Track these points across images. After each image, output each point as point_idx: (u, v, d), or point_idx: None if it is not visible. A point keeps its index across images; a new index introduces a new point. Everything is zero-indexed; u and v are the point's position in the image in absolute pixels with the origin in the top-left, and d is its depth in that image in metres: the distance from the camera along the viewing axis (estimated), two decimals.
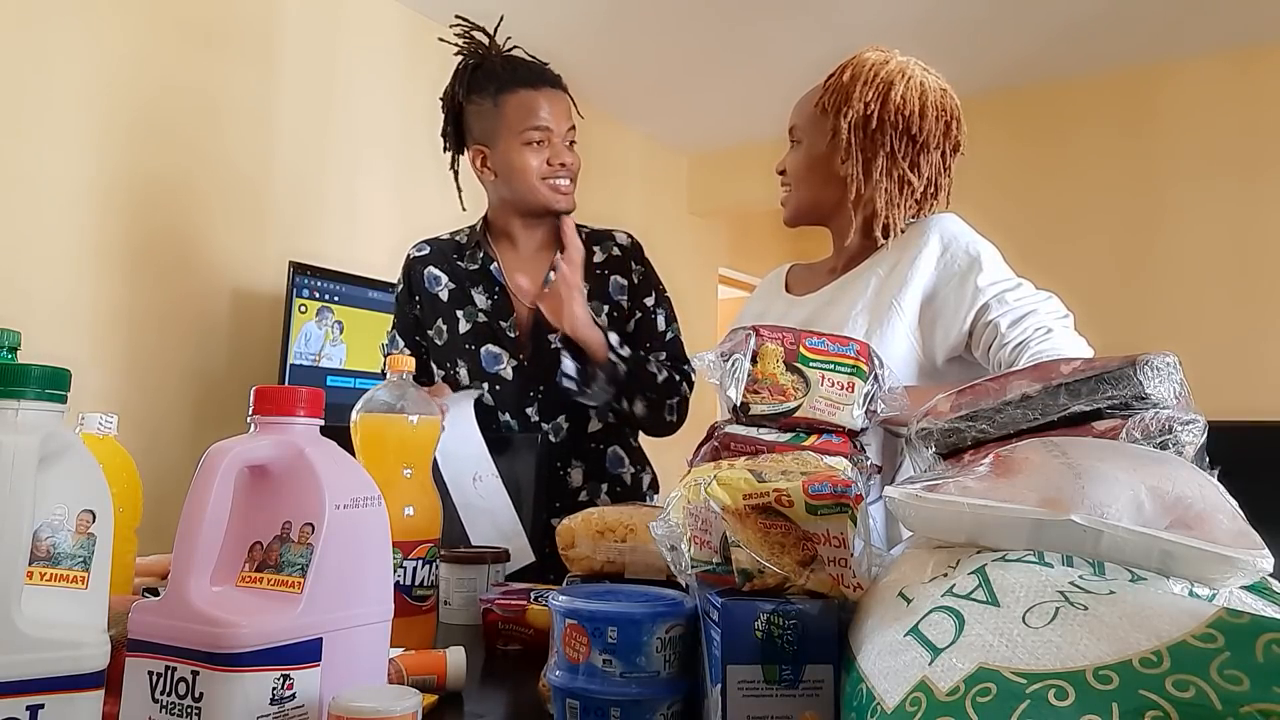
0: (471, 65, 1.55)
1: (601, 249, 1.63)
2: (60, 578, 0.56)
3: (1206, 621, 0.43)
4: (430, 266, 1.63)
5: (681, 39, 3.66)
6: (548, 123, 1.50)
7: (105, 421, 0.92)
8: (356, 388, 2.82)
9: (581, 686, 0.64)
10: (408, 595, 0.97)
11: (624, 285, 1.60)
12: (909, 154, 1.29)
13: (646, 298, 1.62)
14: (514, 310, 1.58)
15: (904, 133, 1.28)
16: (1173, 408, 0.67)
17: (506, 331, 1.57)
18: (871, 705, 0.50)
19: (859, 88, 1.28)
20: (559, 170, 1.52)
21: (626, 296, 1.60)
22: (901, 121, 1.27)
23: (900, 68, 1.29)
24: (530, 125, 1.50)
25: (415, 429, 1.01)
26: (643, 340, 1.58)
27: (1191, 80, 3.66)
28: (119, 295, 2.51)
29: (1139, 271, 3.69)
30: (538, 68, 1.55)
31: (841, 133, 1.28)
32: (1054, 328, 1.15)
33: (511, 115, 1.50)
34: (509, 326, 1.57)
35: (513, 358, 1.56)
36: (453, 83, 1.58)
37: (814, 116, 1.33)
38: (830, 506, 0.63)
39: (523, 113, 1.50)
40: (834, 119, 1.30)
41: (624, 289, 1.60)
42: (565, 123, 1.53)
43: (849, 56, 1.33)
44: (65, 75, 2.40)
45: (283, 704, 0.56)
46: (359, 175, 3.18)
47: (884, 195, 1.30)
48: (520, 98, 1.50)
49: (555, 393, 1.52)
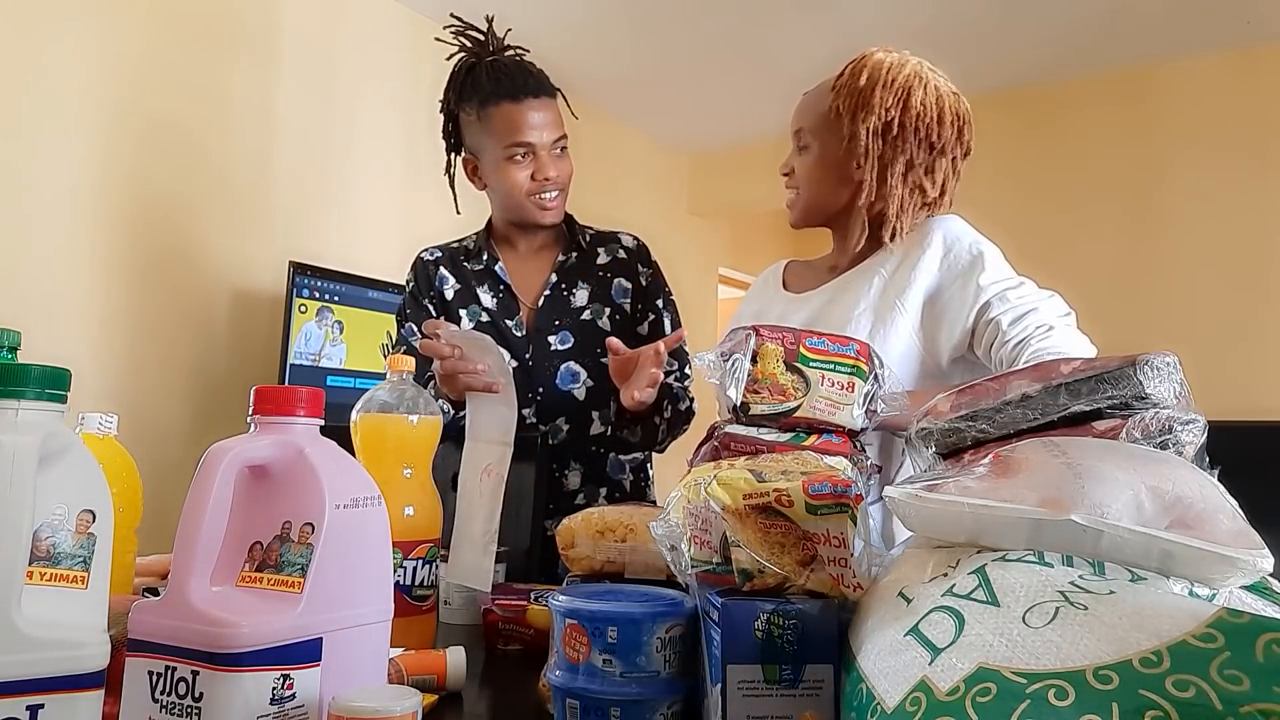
0: (463, 71, 1.54)
1: (606, 251, 1.61)
2: (60, 578, 0.56)
3: (1206, 621, 0.43)
4: (440, 268, 1.62)
5: (682, 39, 3.66)
6: (531, 137, 1.47)
7: (105, 421, 0.91)
8: (356, 388, 2.82)
9: (581, 686, 0.64)
10: (408, 595, 0.97)
11: (628, 289, 1.59)
12: (926, 161, 1.29)
13: (656, 300, 1.60)
14: (518, 309, 1.58)
15: (924, 140, 1.28)
16: (1173, 408, 0.67)
17: (512, 330, 1.56)
18: (871, 705, 0.50)
19: (879, 93, 1.27)
20: (544, 185, 1.50)
21: (630, 300, 1.59)
22: (922, 129, 1.27)
23: (916, 71, 1.29)
24: (513, 141, 1.47)
25: (415, 429, 1.01)
26: None
27: (1192, 80, 3.66)
28: (119, 295, 2.51)
29: (1139, 271, 3.69)
30: (521, 77, 1.50)
31: (861, 139, 1.27)
32: (1055, 325, 1.15)
33: (496, 130, 1.48)
34: (514, 326, 1.56)
35: (515, 358, 1.55)
36: (446, 88, 1.57)
37: (826, 119, 1.31)
38: (830, 506, 0.63)
39: (506, 128, 1.47)
40: (851, 124, 1.28)
41: (628, 292, 1.59)
42: (552, 132, 1.49)
43: (857, 56, 1.32)
44: (66, 75, 2.40)
45: (283, 704, 0.56)
46: (359, 175, 3.18)
47: (897, 202, 1.29)
48: (504, 111, 1.47)
49: (555, 395, 1.52)
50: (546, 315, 1.56)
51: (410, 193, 3.26)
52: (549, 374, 1.53)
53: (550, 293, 1.57)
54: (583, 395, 1.54)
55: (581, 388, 1.54)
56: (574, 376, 1.54)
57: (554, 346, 1.54)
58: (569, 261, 1.59)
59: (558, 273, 1.58)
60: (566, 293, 1.57)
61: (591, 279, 1.58)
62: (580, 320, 1.56)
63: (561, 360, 1.54)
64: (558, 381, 1.53)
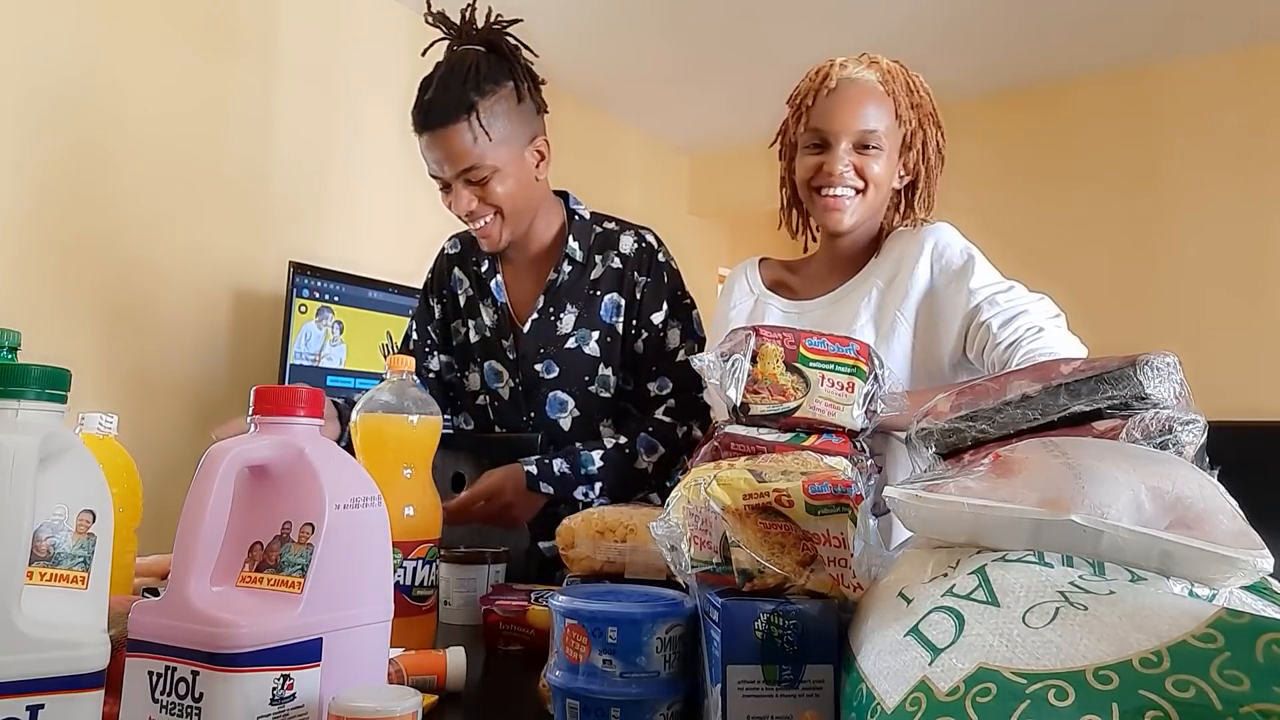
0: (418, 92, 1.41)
1: (603, 260, 1.48)
2: (60, 578, 0.56)
3: (1206, 622, 0.43)
4: (457, 268, 1.58)
5: (682, 39, 3.66)
6: (437, 171, 1.39)
7: (105, 421, 0.91)
8: (356, 388, 2.82)
9: (581, 687, 0.64)
10: (408, 595, 0.97)
11: (619, 304, 1.46)
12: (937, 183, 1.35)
13: (654, 313, 1.46)
14: (510, 330, 1.51)
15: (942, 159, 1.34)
16: (1173, 408, 0.67)
17: (506, 352, 1.50)
18: (871, 705, 0.50)
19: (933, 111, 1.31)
20: (466, 218, 1.42)
21: (624, 318, 1.46)
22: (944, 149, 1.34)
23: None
24: (431, 173, 1.41)
25: (415, 429, 1.01)
26: (648, 364, 1.46)
27: (1192, 80, 3.66)
28: (119, 295, 2.51)
29: (1139, 270, 3.69)
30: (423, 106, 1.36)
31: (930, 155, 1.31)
32: (1045, 327, 1.15)
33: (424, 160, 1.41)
34: (509, 347, 1.50)
35: (511, 378, 1.51)
36: None
37: (894, 129, 1.29)
38: (830, 506, 0.63)
39: (426, 160, 1.40)
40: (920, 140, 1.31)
41: (619, 309, 1.46)
42: (455, 165, 1.35)
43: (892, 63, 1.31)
44: (66, 76, 2.40)
45: (283, 704, 0.56)
46: (359, 175, 3.18)
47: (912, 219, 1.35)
48: (421, 143, 1.38)
49: (545, 422, 1.47)
50: (532, 342, 1.48)
51: (410, 193, 3.25)
52: (539, 400, 1.48)
53: (537, 317, 1.48)
54: (568, 425, 1.47)
55: (568, 417, 1.48)
56: (561, 405, 1.48)
57: (541, 375, 1.47)
58: (559, 280, 1.48)
59: (546, 294, 1.48)
60: (554, 317, 1.48)
61: (580, 299, 1.47)
62: (565, 349, 1.46)
63: (549, 389, 1.48)
64: (547, 409, 1.48)
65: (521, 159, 1.41)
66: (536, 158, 1.44)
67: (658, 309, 1.46)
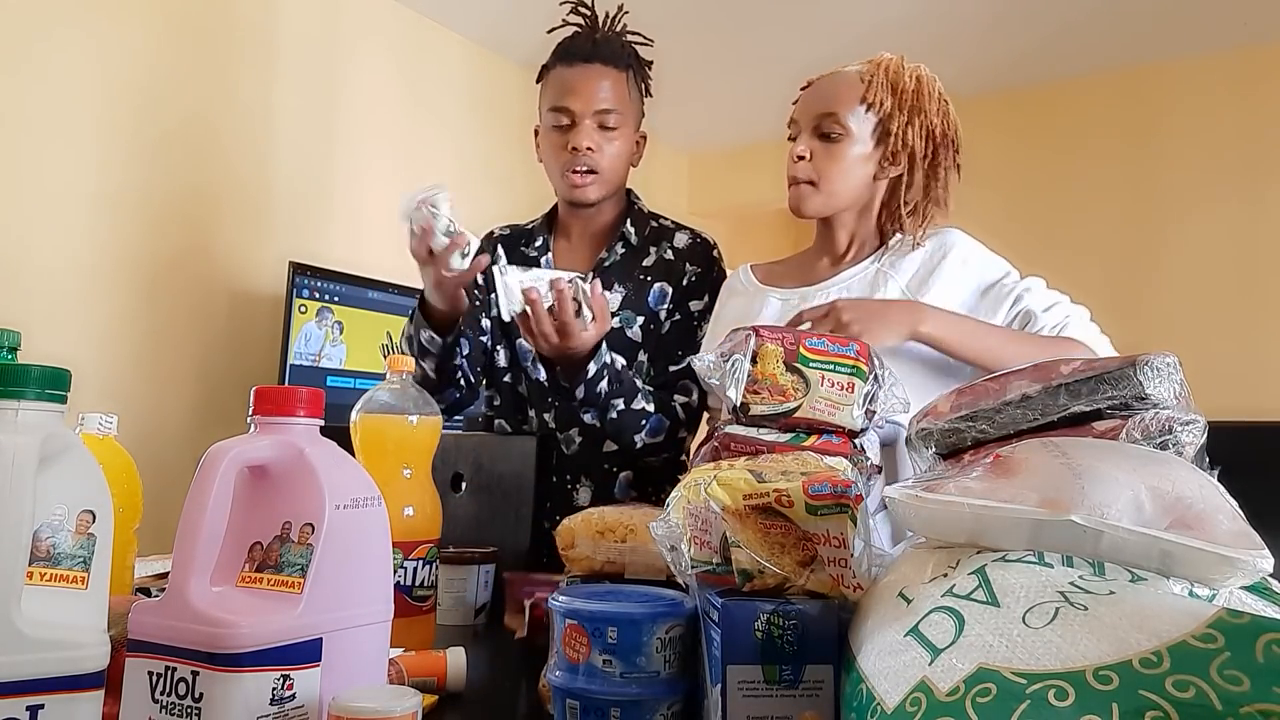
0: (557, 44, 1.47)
1: (656, 250, 1.51)
2: (60, 578, 0.56)
3: (1206, 622, 0.43)
4: (499, 247, 1.56)
5: (681, 39, 3.66)
6: (570, 103, 1.40)
7: (105, 421, 0.91)
8: (356, 388, 2.82)
9: (581, 687, 0.64)
10: (408, 595, 0.97)
11: (666, 293, 1.48)
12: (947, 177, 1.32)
13: (694, 301, 1.48)
14: None
15: (954, 154, 1.31)
16: (1173, 408, 0.67)
17: None
18: (871, 705, 0.50)
19: (928, 101, 1.28)
20: (574, 157, 1.42)
21: (669, 305, 1.47)
22: (954, 143, 1.30)
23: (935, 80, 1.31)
24: (553, 105, 1.42)
25: (415, 429, 1.01)
26: (674, 345, 1.45)
27: (1193, 80, 3.66)
28: (119, 295, 2.51)
29: (1139, 270, 3.69)
30: (584, 42, 1.43)
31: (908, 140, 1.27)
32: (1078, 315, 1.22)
33: (547, 94, 1.43)
34: None
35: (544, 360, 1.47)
36: None
37: (860, 112, 1.28)
38: (830, 507, 0.63)
39: (551, 92, 1.42)
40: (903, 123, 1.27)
41: (665, 297, 1.47)
42: (597, 102, 1.40)
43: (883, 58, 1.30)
44: (66, 76, 2.40)
45: (283, 704, 0.56)
46: (359, 175, 3.17)
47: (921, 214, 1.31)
48: (556, 75, 1.41)
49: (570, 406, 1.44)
50: None
51: None
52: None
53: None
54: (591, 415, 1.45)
55: None
56: None
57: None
58: (610, 260, 1.50)
59: (595, 271, 1.48)
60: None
61: (630, 282, 1.48)
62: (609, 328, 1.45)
63: None
64: None
65: (633, 137, 1.51)
66: (638, 146, 1.54)
67: (698, 299, 1.49)
